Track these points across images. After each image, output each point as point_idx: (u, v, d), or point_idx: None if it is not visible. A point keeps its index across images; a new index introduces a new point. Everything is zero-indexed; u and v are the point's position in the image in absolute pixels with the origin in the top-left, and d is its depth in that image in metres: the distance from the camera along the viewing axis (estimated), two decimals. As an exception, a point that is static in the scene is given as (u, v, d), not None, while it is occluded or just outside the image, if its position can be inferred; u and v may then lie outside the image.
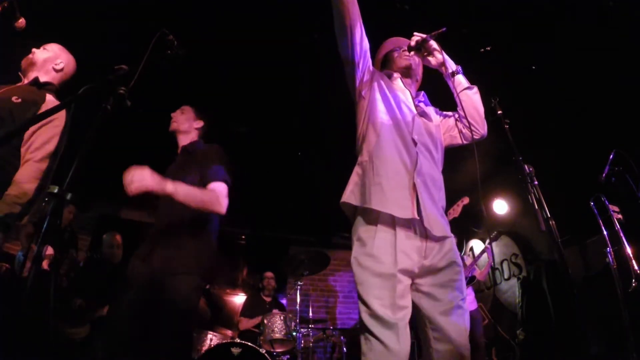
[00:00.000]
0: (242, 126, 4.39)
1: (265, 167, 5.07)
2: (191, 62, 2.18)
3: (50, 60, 2.10)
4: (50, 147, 1.87)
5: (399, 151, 1.52)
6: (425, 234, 1.43)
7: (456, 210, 4.06)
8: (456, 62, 1.81)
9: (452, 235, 1.51)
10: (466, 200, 4.10)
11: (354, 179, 1.56)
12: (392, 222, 1.40)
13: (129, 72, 1.34)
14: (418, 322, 1.41)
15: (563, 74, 3.58)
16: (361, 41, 1.63)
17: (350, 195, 1.52)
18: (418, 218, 1.41)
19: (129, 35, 3.03)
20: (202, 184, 1.96)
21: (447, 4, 3.02)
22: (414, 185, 1.46)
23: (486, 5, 3.05)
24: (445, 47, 1.78)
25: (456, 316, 1.37)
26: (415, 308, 1.40)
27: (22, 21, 2.06)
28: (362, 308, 1.33)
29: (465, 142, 1.78)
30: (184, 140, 2.23)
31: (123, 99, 1.23)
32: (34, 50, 2.11)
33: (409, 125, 1.60)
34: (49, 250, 3.25)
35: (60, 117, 1.92)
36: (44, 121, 1.85)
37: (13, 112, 1.80)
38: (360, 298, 1.35)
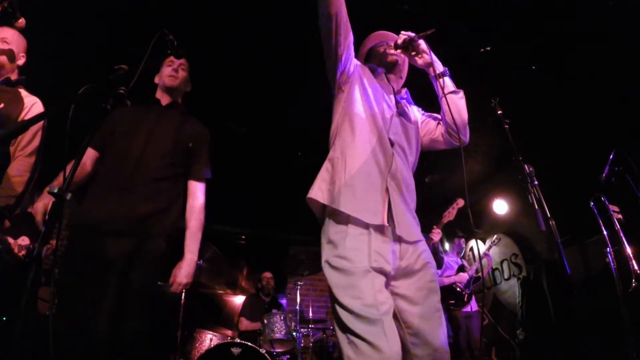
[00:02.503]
0: (242, 126, 4.40)
1: (265, 167, 5.08)
2: (191, 62, 2.17)
3: (15, 58, 2.07)
4: (36, 142, 2.00)
5: (374, 151, 1.46)
6: (399, 237, 1.39)
7: (451, 214, 4.05)
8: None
9: (423, 238, 1.49)
10: (461, 202, 4.07)
11: (322, 174, 1.50)
12: (365, 223, 1.35)
13: (129, 72, 1.34)
14: (395, 326, 1.34)
15: (563, 73, 3.58)
16: (346, 33, 1.56)
17: (317, 191, 1.46)
18: (387, 225, 1.36)
19: (129, 35, 3.03)
20: (188, 168, 1.93)
21: (446, 4, 3.02)
22: (387, 189, 1.41)
23: (486, 5, 3.05)
24: (445, 46, 1.76)
25: (433, 319, 1.34)
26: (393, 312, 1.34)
27: (22, 21, 2.07)
28: (340, 311, 1.25)
29: (445, 146, 1.72)
30: (170, 98, 2.03)
31: (123, 99, 1.23)
32: None
33: (387, 124, 1.54)
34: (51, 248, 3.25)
35: (39, 112, 2.02)
36: (26, 120, 1.96)
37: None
38: (336, 301, 1.28)
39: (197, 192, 1.92)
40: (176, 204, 1.84)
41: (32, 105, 2.00)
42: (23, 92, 2.03)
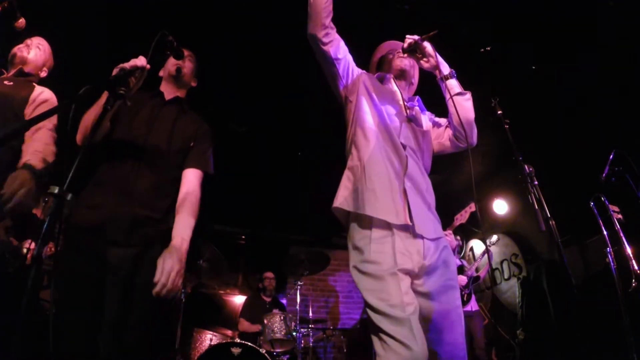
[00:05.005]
0: (242, 126, 4.40)
1: (265, 167, 5.08)
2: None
3: (39, 67, 2.20)
4: (54, 121, 2.03)
5: (388, 156, 1.51)
6: (421, 235, 1.43)
7: (464, 217, 4.10)
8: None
9: (443, 235, 1.52)
10: (474, 207, 4.12)
11: (345, 183, 1.54)
12: (388, 224, 1.40)
13: (130, 74, 1.34)
14: None
15: (563, 73, 3.58)
16: (336, 50, 1.63)
17: (342, 200, 1.49)
18: (410, 224, 1.40)
19: (128, 35, 3.04)
20: (192, 157, 1.76)
21: (446, 4, 3.02)
22: (405, 190, 1.45)
23: (486, 5, 3.05)
24: (445, 46, 1.77)
25: (453, 317, 1.37)
26: None
27: (22, 21, 2.08)
28: (371, 313, 1.31)
29: (454, 150, 1.75)
30: (175, 92, 1.91)
31: (123, 100, 1.23)
32: (28, 44, 2.17)
33: (397, 129, 1.58)
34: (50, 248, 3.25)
35: (53, 101, 2.09)
36: (38, 103, 2.00)
37: (7, 95, 1.93)
38: (367, 304, 1.33)
39: (194, 179, 1.70)
40: (172, 208, 1.69)
41: (42, 92, 2.05)
42: (37, 86, 2.10)
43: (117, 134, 1.66)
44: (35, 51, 2.17)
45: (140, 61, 1.40)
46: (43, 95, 2.02)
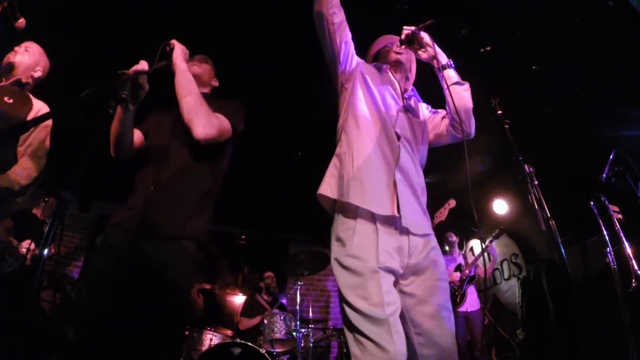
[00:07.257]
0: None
1: (265, 167, 5.08)
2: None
3: (30, 68, 2.19)
4: (47, 145, 2.06)
5: (380, 145, 1.46)
6: (408, 230, 1.37)
7: (442, 214, 4.01)
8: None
9: (432, 232, 1.47)
10: (452, 203, 4.05)
11: (331, 170, 1.50)
12: (372, 217, 1.34)
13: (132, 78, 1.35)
14: (402, 326, 1.31)
15: (563, 73, 3.59)
16: (341, 32, 1.59)
17: (327, 187, 1.45)
18: (398, 215, 1.34)
19: (128, 37, 3.04)
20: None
21: (447, 4, 3.02)
22: (394, 182, 1.40)
23: (486, 5, 3.06)
24: (445, 46, 1.76)
25: (442, 319, 1.32)
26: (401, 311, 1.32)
27: (22, 21, 2.07)
28: (348, 310, 1.25)
29: (450, 140, 1.70)
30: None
31: (125, 104, 1.23)
32: (16, 50, 2.17)
33: (393, 118, 1.54)
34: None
35: (48, 123, 2.10)
36: (29, 120, 2.03)
37: (8, 112, 1.94)
38: (344, 300, 1.27)
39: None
40: (207, 205, 1.76)
41: (39, 109, 2.06)
42: (35, 100, 2.10)
43: (149, 142, 1.80)
44: (22, 54, 2.16)
45: (142, 66, 1.42)
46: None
